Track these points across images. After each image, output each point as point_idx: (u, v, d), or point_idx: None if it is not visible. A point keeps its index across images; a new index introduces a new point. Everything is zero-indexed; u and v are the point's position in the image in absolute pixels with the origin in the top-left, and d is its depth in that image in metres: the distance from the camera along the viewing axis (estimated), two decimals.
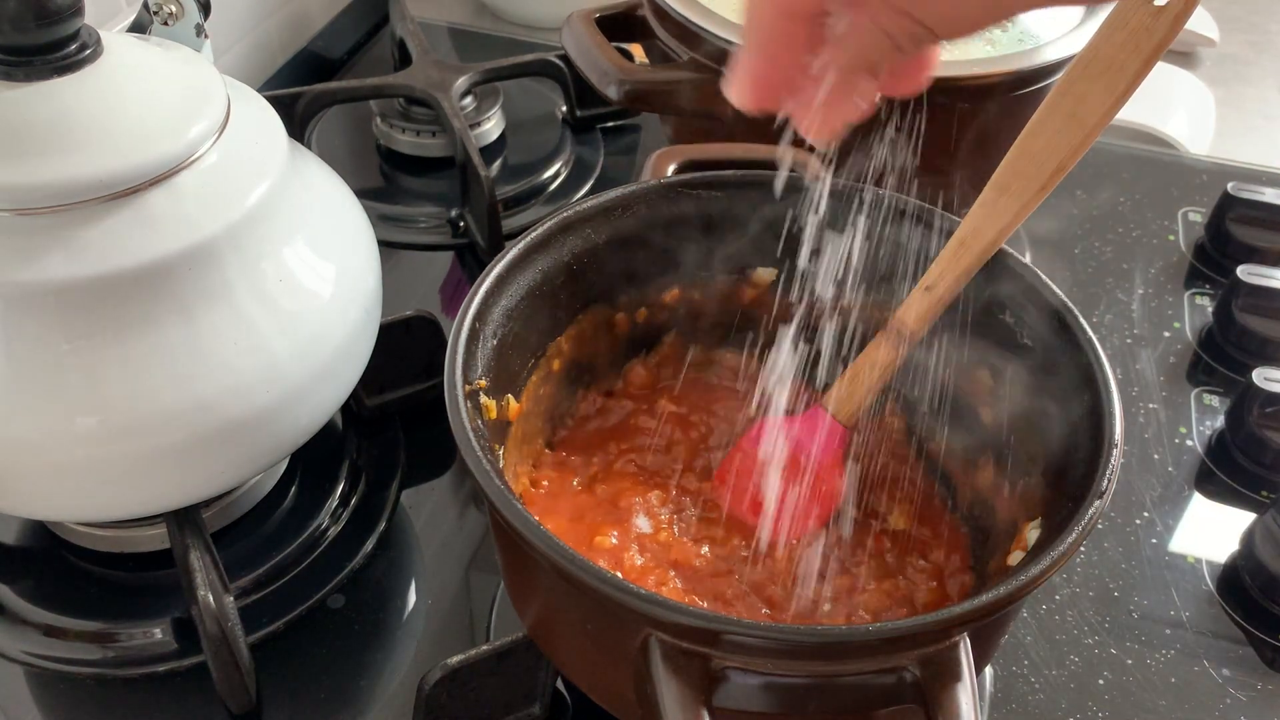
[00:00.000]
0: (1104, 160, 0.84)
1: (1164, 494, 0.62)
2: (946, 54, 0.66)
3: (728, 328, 0.56)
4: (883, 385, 0.49)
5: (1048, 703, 0.52)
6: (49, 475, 0.46)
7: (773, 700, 0.37)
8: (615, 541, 0.47)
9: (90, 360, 0.44)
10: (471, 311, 0.45)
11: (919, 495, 0.52)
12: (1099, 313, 0.72)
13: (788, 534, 0.49)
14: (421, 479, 0.61)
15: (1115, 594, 0.57)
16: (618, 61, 0.66)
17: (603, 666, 0.42)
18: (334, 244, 0.51)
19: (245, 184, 0.47)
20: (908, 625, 0.35)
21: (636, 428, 0.54)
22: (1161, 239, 0.78)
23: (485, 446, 0.41)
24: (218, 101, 0.48)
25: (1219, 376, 0.68)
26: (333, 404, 0.52)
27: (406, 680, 0.52)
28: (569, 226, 0.49)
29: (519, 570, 0.44)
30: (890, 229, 0.51)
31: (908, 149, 0.47)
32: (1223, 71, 1.01)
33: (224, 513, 0.56)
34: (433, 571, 0.57)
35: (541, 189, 0.80)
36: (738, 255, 0.53)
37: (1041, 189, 0.46)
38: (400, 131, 0.81)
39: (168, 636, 0.52)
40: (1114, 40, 0.43)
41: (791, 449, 0.50)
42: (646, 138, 0.87)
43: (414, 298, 0.72)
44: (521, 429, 0.49)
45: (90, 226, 0.44)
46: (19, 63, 0.44)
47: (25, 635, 0.52)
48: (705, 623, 0.35)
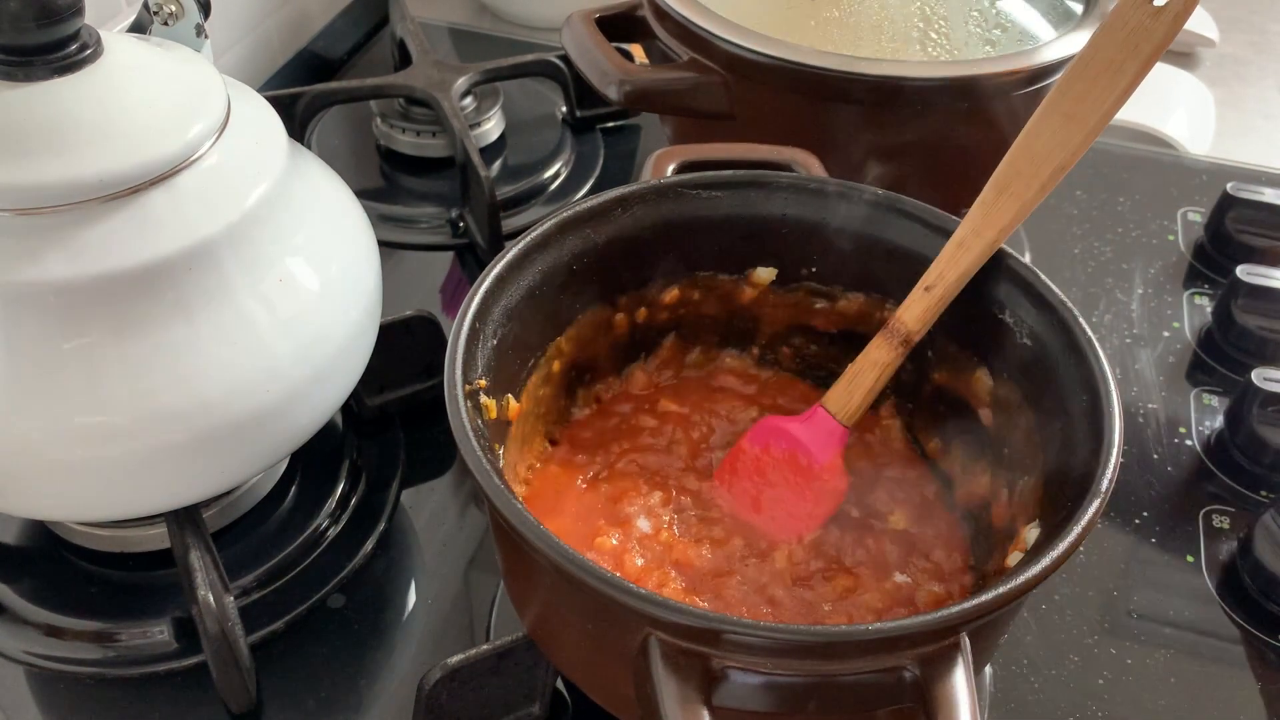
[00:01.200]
0: (1104, 160, 0.84)
1: (1163, 494, 0.62)
2: (947, 54, 0.66)
3: (728, 327, 0.56)
4: (883, 385, 0.49)
5: (1047, 702, 0.52)
6: (49, 475, 0.46)
7: (773, 700, 0.37)
8: (616, 542, 0.47)
9: (90, 360, 0.44)
10: (471, 311, 0.45)
11: (919, 495, 0.52)
12: (1099, 313, 0.72)
13: (789, 534, 0.49)
14: (421, 479, 0.61)
15: (1115, 594, 0.57)
16: (618, 61, 0.66)
17: (603, 666, 0.42)
18: (334, 244, 0.51)
19: (245, 184, 0.47)
20: (908, 625, 0.35)
21: (637, 428, 0.54)
22: (1161, 239, 0.78)
23: (485, 446, 0.41)
24: (218, 102, 0.48)
25: (1218, 376, 0.68)
26: (333, 404, 0.52)
27: (406, 680, 0.52)
28: (569, 226, 0.49)
29: (519, 570, 0.44)
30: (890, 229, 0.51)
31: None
32: (1223, 71, 1.01)
33: (224, 513, 0.56)
34: (433, 571, 0.57)
35: (541, 189, 0.80)
36: (737, 255, 0.53)
37: (1041, 189, 0.46)
38: (400, 132, 0.81)
39: (168, 636, 0.52)
40: (1113, 40, 0.44)
41: (792, 449, 0.50)
42: (646, 138, 0.87)
43: (414, 298, 0.72)
44: (522, 429, 0.49)
45: (90, 226, 0.44)
46: (19, 63, 0.44)
47: (25, 635, 0.52)
48: (705, 622, 0.35)
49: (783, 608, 0.46)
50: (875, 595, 0.47)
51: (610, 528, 0.48)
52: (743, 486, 0.50)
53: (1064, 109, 0.45)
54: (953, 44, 0.67)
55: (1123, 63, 0.43)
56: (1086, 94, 0.44)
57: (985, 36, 0.68)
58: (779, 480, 0.50)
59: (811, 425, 0.50)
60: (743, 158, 0.55)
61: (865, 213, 0.51)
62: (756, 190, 0.52)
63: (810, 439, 0.50)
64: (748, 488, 0.50)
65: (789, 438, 0.50)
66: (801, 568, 0.48)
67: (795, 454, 0.50)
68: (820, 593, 0.47)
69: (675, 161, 0.54)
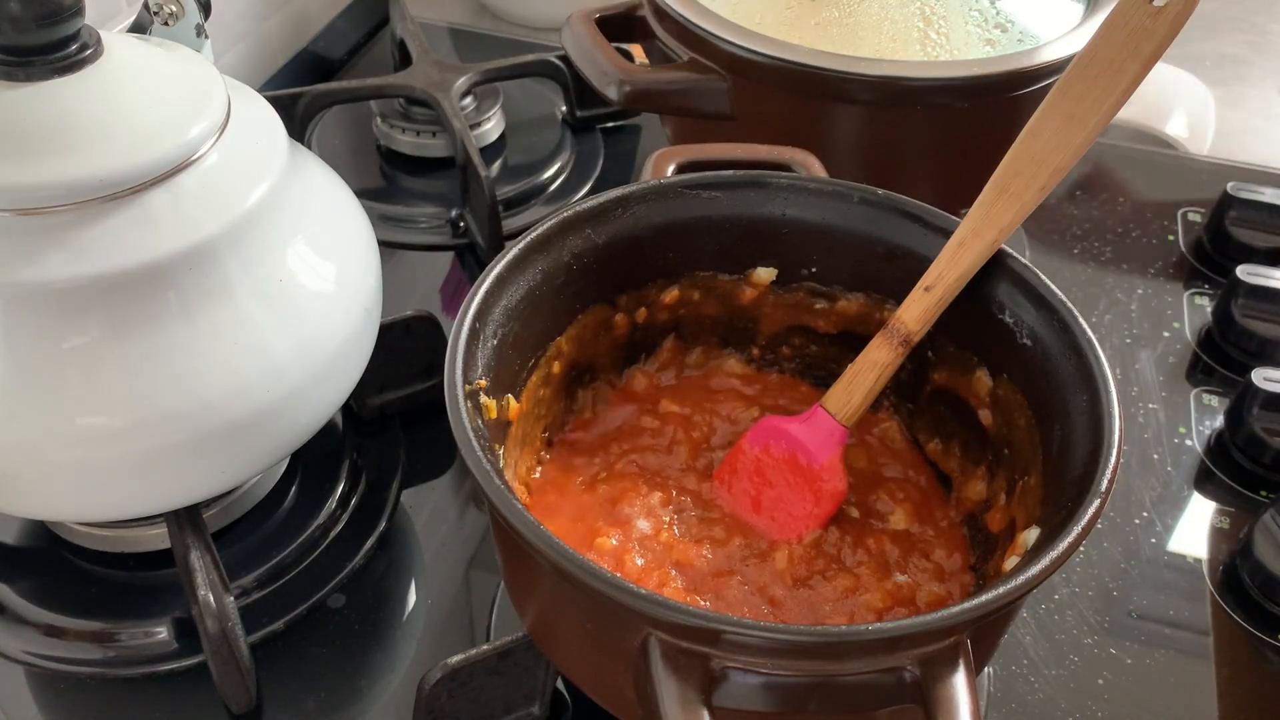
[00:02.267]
0: (1104, 160, 0.84)
1: (1163, 494, 0.62)
2: (946, 54, 0.66)
3: (728, 328, 0.56)
4: (882, 385, 0.49)
5: (1047, 702, 0.52)
6: (49, 475, 0.46)
7: (773, 700, 0.37)
8: (616, 542, 0.47)
9: (90, 360, 0.44)
10: (471, 311, 0.45)
11: (919, 495, 0.52)
12: (1099, 313, 0.72)
13: (789, 534, 0.49)
14: (421, 479, 0.61)
15: (1115, 594, 0.57)
16: (618, 62, 0.66)
17: (603, 666, 0.42)
18: (334, 244, 0.51)
19: (245, 184, 0.47)
20: (908, 625, 0.35)
21: (638, 428, 0.54)
22: (1161, 239, 0.78)
23: (485, 446, 0.41)
24: (218, 102, 0.48)
25: (1218, 376, 0.68)
26: (333, 404, 0.52)
27: (406, 680, 0.52)
28: (569, 226, 0.49)
29: (519, 570, 0.44)
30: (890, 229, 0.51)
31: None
32: (1223, 72, 1.01)
33: (224, 513, 0.56)
34: (433, 571, 0.57)
35: (541, 189, 0.80)
36: (737, 255, 0.53)
37: (1041, 189, 0.46)
38: (400, 132, 0.81)
39: (168, 636, 0.52)
40: (1113, 41, 0.44)
41: (792, 449, 0.50)
42: (646, 138, 0.87)
43: (414, 298, 0.72)
44: (522, 429, 0.49)
45: (90, 226, 0.44)
46: (19, 63, 0.44)
47: (25, 635, 0.52)
48: (705, 622, 0.35)
49: (783, 608, 0.46)
50: (876, 595, 0.47)
51: (610, 528, 0.48)
52: (742, 487, 0.50)
53: (1064, 109, 0.45)
54: (953, 44, 0.67)
55: (1123, 63, 0.43)
56: (1086, 94, 0.44)
57: (985, 36, 0.68)
58: (779, 480, 0.50)
59: (811, 425, 0.50)
60: (743, 158, 0.55)
61: (865, 213, 0.51)
62: (756, 190, 0.52)
63: (810, 439, 0.50)
64: (747, 488, 0.50)
65: (789, 438, 0.50)
66: (802, 568, 0.48)
67: (795, 454, 0.50)
68: (821, 593, 0.47)
69: (675, 161, 0.54)
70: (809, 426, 0.50)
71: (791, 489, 0.49)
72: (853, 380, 0.49)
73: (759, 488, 0.50)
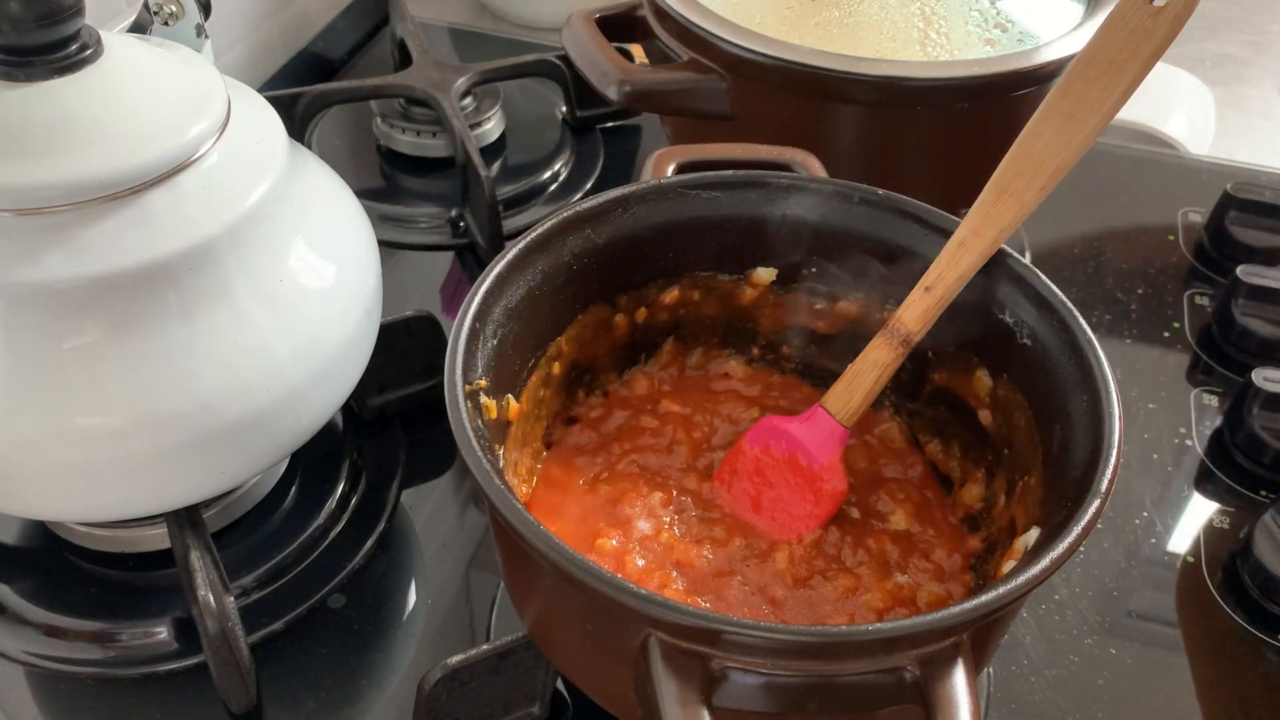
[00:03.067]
0: (1104, 160, 0.84)
1: (1163, 494, 0.62)
2: (946, 54, 0.66)
3: (728, 328, 0.56)
4: (883, 386, 0.49)
5: (1047, 703, 0.52)
6: (49, 475, 0.46)
7: (773, 700, 0.37)
8: (616, 543, 0.47)
9: (90, 360, 0.44)
10: (471, 311, 0.45)
11: (919, 495, 0.52)
12: (1099, 313, 0.72)
13: (789, 534, 0.49)
14: (421, 479, 0.61)
15: (1114, 594, 0.57)
16: (618, 62, 0.66)
17: (603, 666, 0.42)
18: (334, 244, 0.51)
19: (245, 184, 0.47)
20: (908, 625, 0.35)
21: (638, 428, 0.54)
22: (1161, 239, 0.78)
23: (485, 446, 0.41)
24: (218, 102, 0.48)
25: (1218, 376, 0.68)
26: (333, 404, 0.52)
27: (406, 680, 0.52)
28: (569, 226, 0.49)
29: (519, 570, 0.44)
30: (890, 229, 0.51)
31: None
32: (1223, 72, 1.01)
33: (224, 513, 0.56)
34: (433, 571, 0.57)
35: (541, 189, 0.80)
36: (737, 255, 0.53)
37: (1041, 189, 0.46)
38: (400, 131, 0.81)
39: (168, 636, 0.52)
40: (1113, 41, 0.44)
41: (792, 449, 0.50)
42: (646, 138, 0.87)
43: (414, 298, 0.72)
44: (522, 429, 0.49)
45: (90, 226, 0.44)
46: (19, 63, 0.44)
47: (25, 635, 0.52)
48: (705, 622, 0.35)
49: (784, 608, 0.46)
50: (876, 595, 0.47)
51: (611, 529, 0.48)
52: (743, 487, 0.50)
53: (1064, 109, 0.45)
54: (953, 44, 0.67)
55: (1123, 63, 0.43)
56: (1086, 94, 0.44)
57: (985, 36, 0.68)
58: (779, 481, 0.50)
59: (811, 426, 0.50)
60: (742, 158, 0.55)
61: (865, 213, 0.51)
62: (756, 190, 0.52)
63: (810, 439, 0.50)
64: (748, 488, 0.50)
65: (789, 438, 0.50)
66: (802, 568, 0.48)
67: (795, 454, 0.50)
68: (821, 593, 0.47)
69: (675, 161, 0.54)
70: (809, 427, 0.50)
71: (792, 489, 0.49)
72: (853, 380, 0.49)
73: (759, 488, 0.50)
